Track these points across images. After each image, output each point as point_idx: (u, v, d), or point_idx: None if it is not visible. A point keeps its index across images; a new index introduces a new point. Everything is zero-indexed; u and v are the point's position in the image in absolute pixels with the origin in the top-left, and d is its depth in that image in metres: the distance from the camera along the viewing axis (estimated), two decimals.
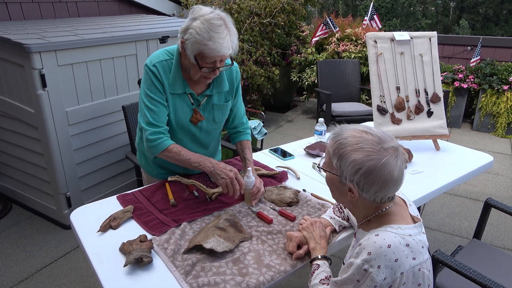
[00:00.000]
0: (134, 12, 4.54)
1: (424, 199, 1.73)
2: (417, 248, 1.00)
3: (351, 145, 1.02)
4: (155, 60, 1.57)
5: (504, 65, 4.85)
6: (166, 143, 1.58)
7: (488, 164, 2.07)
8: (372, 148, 1.00)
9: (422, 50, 2.24)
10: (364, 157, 0.99)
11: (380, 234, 1.00)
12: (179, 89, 1.60)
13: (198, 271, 1.20)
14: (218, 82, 1.67)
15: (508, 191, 3.47)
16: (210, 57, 1.45)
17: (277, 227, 1.44)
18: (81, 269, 2.43)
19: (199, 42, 1.41)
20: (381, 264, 0.95)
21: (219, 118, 1.75)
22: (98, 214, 1.50)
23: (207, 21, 1.41)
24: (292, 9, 5.08)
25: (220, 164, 1.53)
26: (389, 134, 1.05)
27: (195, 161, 1.55)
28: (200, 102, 1.67)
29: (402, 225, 1.04)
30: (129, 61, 2.91)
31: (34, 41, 2.33)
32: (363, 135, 1.03)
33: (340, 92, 4.55)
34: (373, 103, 2.22)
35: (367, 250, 0.97)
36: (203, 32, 1.40)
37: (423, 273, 1.00)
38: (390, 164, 0.99)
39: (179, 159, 1.57)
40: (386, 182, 1.00)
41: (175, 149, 1.58)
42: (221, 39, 1.41)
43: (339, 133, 1.06)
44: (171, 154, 1.57)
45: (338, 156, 1.04)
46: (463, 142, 4.60)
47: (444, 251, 1.56)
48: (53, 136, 2.53)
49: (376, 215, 1.09)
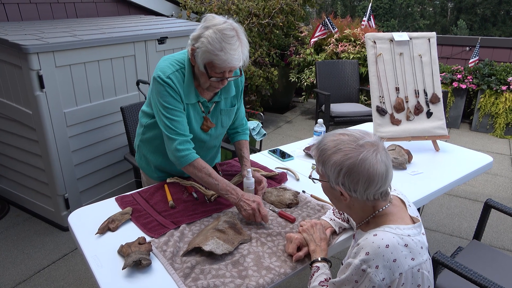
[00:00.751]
0: (133, 13, 4.53)
1: (424, 200, 1.73)
2: (416, 249, 1.00)
3: (331, 149, 1.05)
4: (168, 71, 1.51)
5: (502, 66, 4.86)
6: (193, 156, 1.53)
7: (487, 164, 2.06)
8: (348, 147, 1.02)
9: (421, 51, 2.24)
10: (343, 157, 1.02)
11: (378, 234, 0.99)
12: (193, 98, 1.58)
13: (197, 274, 1.19)
14: (226, 88, 1.66)
15: (507, 191, 3.47)
16: (220, 67, 1.43)
17: (276, 228, 1.44)
18: (79, 271, 2.41)
19: (210, 51, 1.39)
20: (379, 264, 0.95)
21: (226, 123, 1.75)
22: (97, 216, 1.49)
23: (220, 31, 1.39)
24: (290, 10, 5.08)
25: (245, 195, 1.48)
26: (366, 132, 1.07)
27: (222, 189, 1.49)
28: (209, 109, 1.66)
29: (401, 225, 1.03)
30: (127, 62, 2.90)
31: (31, 42, 2.31)
32: (340, 137, 1.06)
33: (339, 92, 4.55)
34: (373, 103, 2.22)
35: (365, 250, 0.97)
36: (215, 42, 1.38)
37: (423, 274, 1.00)
38: (368, 158, 1.00)
39: (205, 180, 1.51)
40: (371, 177, 1.00)
41: (205, 169, 1.52)
42: (233, 51, 1.40)
43: (320, 141, 1.10)
44: (199, 173, 1.52)
45: (322, 162, 1.07)
46: (461, 142, 4.60)
47: (444, 252, 1.55)
48: (51, 137, 2.52)
49: (374, 216, 1.09)
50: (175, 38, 3.20)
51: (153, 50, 3.07)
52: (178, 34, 3.23)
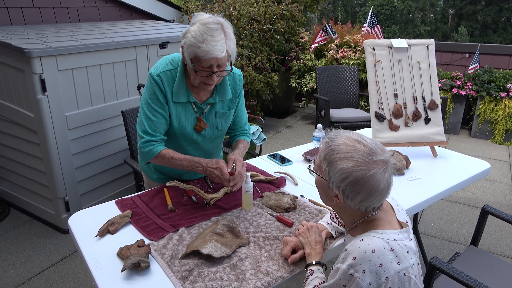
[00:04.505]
0: (135, 17, 4.57)
1: (422, 205, 1.74)
2: (401, 253, 1.01)
3: (342, 153, 1.03)
4: (160, 69, 1.57)
5: (502, 73, 4.88)
6: (157, 149, 1.60)
7: (485, 171, 2.08)
8: (362, 158, 1.01)
9: (419, 58, 2.26)
10: (353, 167, 1.01)
11: (364, 239, 1.01)
12: (183, 98, 1.60)
13: (195, 277, 1.20)
14: (221, 90, 1.67)
15: (506, 197, 3.48)
16: (205, 60, 1.44)
17: (274, 232, 1.45)
18: (78, 274, 2.42)
19: (193, 44, 1.43)
20: (365, 268, 0.96)
21: (222, 126, 1.76)
22: (96, 218, 1.51)
23: (203, 24, 1.43)
24: (291, 15, 5.12)
25: (209, 163, 1.56)
26: (381, 146, 1.06)
27: (187, 165, 1.59)
28: (203, 110, 1.67)
29: (388, 230, 1.05)
30: (129, 67, 2.93)
31: (34, 46, 2.34)
32: (356, 144, 1.04)
33: (339, 98, 4.57)
34: (371, 109, 2.23)
35: (352, 255, 0.99)
36: (197, 35, 1.42)
37: (409, 278, 1.01)
38: (377, 176, 1.00)
39: (172, 164, 1.61)
40: (372, 193, 1.01)
41: (168, 154, 1.60)
42: (215, 42, 1.41)
43: (333, 139, 1.08)
44: (164, 160, 1.61)
45: (328, 161, 1.06)
46: (461, 149, 4.61)
47: (442, 258, 1.56)
48: (52, 140, 2.54)
49: (363, 221, 1.10)
50: (176, 43, 3.22)
51: (155, 54, 3.09)
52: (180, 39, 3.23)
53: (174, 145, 1.71)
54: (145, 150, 1.60)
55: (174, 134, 1.67)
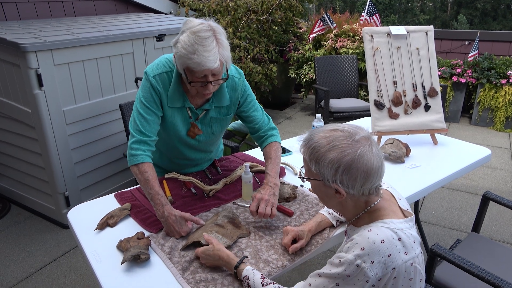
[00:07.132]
0: (131, 10, 4.53)
1: (422, 193, 1.74)
2: (409, 243, 1.00)
3: (324, 146, 1.01)
4: (156, 70, 1.51)
5: (502, 59, 4.84)
6: (140, 159, 1.46)
7: (486, 157, 2.07)
8: (344, 143, 1.00)
9: (418, 45, 2.24)
10: (340, 154, 0.99)
11: (373, 229, 0.99)
12: (178, 102, 1.54)
13: (195, 267, 1.20)
14: (218, 96, 1.60)
15: (507, 184, 3.47)
16: (197, 71, 1.37)
17: (274, 222, 1.44)
18: (80, 268, 2.43)
19: (184, 56, 1.35)
20: (374, 259, 0.95)
21: (218, 131, 1.71)
22: (96, 212, 1.50)
23: (193, 33, 1.34)
24: (289, 5, 5.07)
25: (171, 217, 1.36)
26: (357, 125, 1.05)
27: (153, 198, 1.41)
28: (198, 116, 1.62)
29: (394, 219, 1.03)
30: (125, 60, 2.91)
31: (30, 41, 2.32)
32: (333, 133, 1.02)
33: (338, 88, 4.55)
34: (370, 98, 2.22)
35: (360, 245, 0.97)
36: (188, 45, 1.33)
37: (415, 268, 1.00)
38: (366, 153, 0.99)
39: (143, 186, 1.45)
40: (368, 172, 0.99)
41: (145, 171, 1.44)
42: (206, 52, 1.33)
43: (309, 139, 1.06)
44: (140, 176, 1.44)
45: (315, 160, 1.03)
46: (461, 136, 4.60)
47: (443, 245, 1.56)
48: (50, 135, 2.53)
49: (366, 211, 1.08)
50: (173, 35, 3.20)
51: (151, 47, 3.07)
52: (176, 31, 3.22)
53: (169, 146, 1.69)
54: (132, 152, 1.47)
55: (169, 137, 1.64)
